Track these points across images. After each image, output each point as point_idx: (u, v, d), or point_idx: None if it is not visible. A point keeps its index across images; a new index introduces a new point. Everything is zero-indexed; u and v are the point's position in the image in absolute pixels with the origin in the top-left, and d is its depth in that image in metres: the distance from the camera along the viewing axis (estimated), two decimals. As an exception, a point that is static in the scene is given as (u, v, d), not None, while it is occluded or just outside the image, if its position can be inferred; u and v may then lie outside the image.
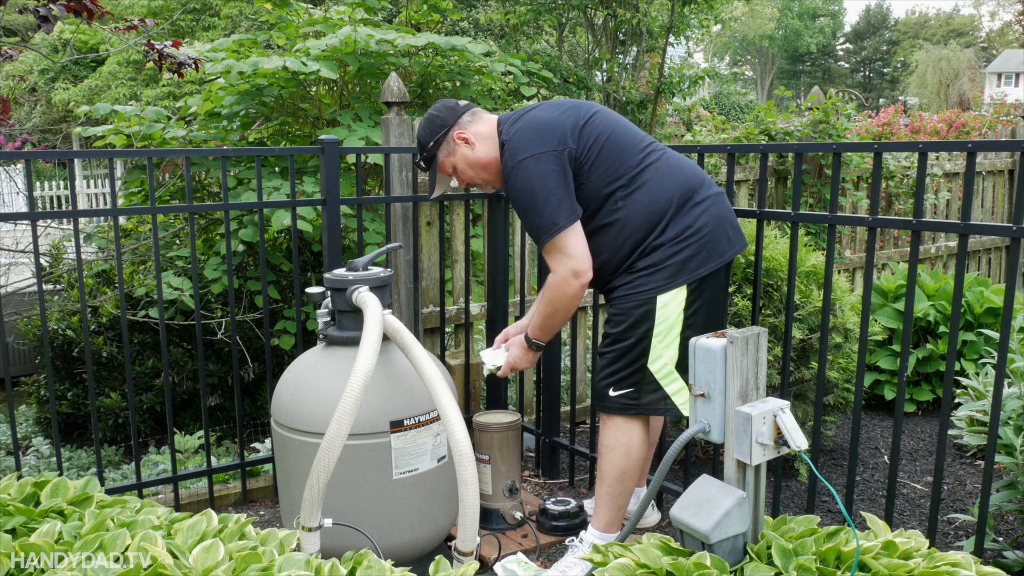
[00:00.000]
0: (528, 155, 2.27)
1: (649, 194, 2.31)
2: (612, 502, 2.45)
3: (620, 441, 2.40)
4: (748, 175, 4.71)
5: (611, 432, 2.41)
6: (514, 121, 2.37)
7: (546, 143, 2.28)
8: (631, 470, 2.42)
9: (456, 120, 2.41)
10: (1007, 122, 9.14)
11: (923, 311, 3.93)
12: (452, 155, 2.43)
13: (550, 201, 2.25)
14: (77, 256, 2.69)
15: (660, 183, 2.32)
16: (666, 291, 2.30)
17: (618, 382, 2.37)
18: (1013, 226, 1.93)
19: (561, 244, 2.28)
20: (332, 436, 2.02)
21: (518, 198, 2.31)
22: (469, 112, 2.43)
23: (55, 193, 14.16)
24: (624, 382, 2.37)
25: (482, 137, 2.41)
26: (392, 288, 3.03)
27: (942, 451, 2.15)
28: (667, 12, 8.35)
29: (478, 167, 2.42)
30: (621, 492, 2.44)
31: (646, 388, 2.36)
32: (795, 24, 49.89)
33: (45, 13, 3.07)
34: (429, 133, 2.42)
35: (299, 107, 4.29)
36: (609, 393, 2.38)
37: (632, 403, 2.37)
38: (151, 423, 4.14)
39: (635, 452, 2.41)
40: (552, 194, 2.25)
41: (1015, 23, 43.69)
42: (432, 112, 2.45)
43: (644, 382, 2.35)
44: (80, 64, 17.15)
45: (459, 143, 2.41)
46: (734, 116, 21.33)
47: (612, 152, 2.32)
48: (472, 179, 2.47)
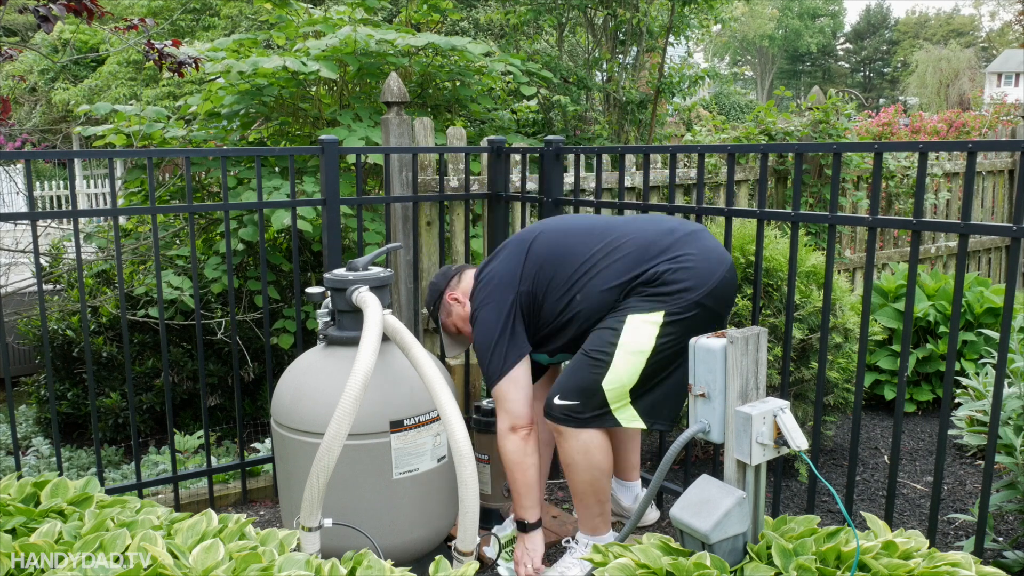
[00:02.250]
0: (481, 305, 2.43)
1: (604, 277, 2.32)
2: (588, 510, 2.44)
3: (578, 457, 2.34)
4: (748, 175, 4.71)
5: (566, 450, 2.36)
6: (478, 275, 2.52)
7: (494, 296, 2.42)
8: (600, 476, 2.37)
9: (447, 284, 2.58)
10: (1007, 122, 9.13)
11: (923, 311, 3.93)
12: (450, 315, 2.58)
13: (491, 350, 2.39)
14: (77, 256, 2.69)
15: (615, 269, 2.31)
16: (640, 313, 2.24)
17: (566, 392, 2.32)
18: (1013, 226, 1.93)
19: (499, 393, 2.40)
20: (332, 436, 2.02)
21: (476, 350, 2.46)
22: (457, 277, 2.58)
23: (55, 193, 14.16)
24: (572, 393, 2.31)
25: (467, 294, 2.54)
26: (392, 288, 3.03)
27: (942, 451, 2.15)
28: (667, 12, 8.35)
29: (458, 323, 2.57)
30: (597, 500, 2.42)
31: (591, 404, 2.29)
32: (795, 24, 49.87)
33: (45, 13, 3.07)
34: (429, 299, 2.60)
35: (299, 107, 4.29)
36: (555, 401, 2.34)
37: (573, 416, 2.31)
38: (151, 423, 4.14)
39: (597, 459, 2.34)
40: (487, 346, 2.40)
41: (1015, 23, 43.69)
42: (432, 280, 2.64)
43: (592, 398, 2.28)
44: (80, 64, 17.16)
45: (452, 303, 2.56)
46: (734, 116, 21.32)
47: (556, 270, 2.40)
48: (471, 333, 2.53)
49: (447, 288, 2.58)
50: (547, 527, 2.81)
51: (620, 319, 2.26)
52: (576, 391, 2.31)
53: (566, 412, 2.32)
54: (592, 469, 2.35)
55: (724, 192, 4.57)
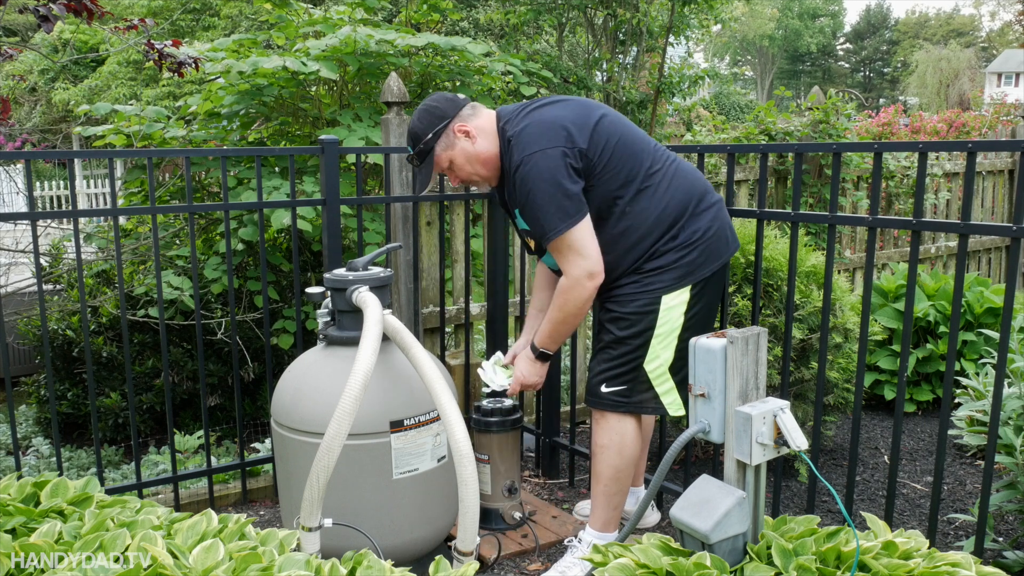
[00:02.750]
0: (536, 150, 2.20)
1: (659, 200, 2.30)
2: (608, 501, 2.45)
3: (613, 440, 2.41)
4: (748, 175, 4.70)
5: (604, 431, 2.42)
6: (520, 117, 2.30)
7: (556, 139, 2.22)
8: (625, 468, 2.43)
9: (457, 112, 2.33)
10: (1007, 122, 9.13)
11: (923, 311, 3.93)
12: (451, 149, 2.33)
13: (557, 197, 2.20)
14: (77, 256, 2.69)
15: (669, 189, 2.32)
16: (671, 292, 2.32)
17: (612, 379, 2.38)
18: (1013, 226, 1.93)
19: (572, 241, 2.23)
20: (332, 436, 2.02)
21: (525, 194, 2.23)
22: (469, 106, 2.35)
23: (55, 193, 14.16)
24: (618, 379, 2.38)
25: (483, 132, 2.33)
26: (392, 288, 3.03)
27: (942, 451, 2.15)
28: (667, 12, 8.35)
29: (477, 162, 2.34)
30: (617, 491, 2.45)
31: (638, 387, 2.37)
32: (795, 24, 49.88)
33: (45, 13, 3.07)
34: (427, 125, 2.32)
35: (299, 107, 4.29)
36: (601, 389, 2.39)
37: (623, 400, 2.38)
38: (151, 423, 4.14)
39: (628, 450, 2.41)
40: (561, 190, 2.20)
41: (1015, 23, 43.68)
42: (430, 103, 2.35)
43: (637, 381, 2.37)
44: (80, 64, 17.15)
45: (459, 136, 2.32)
46: (734, 116, 21.32)
47: (622, 157, 2.28)
48: (469, 176, 2.38)
49: (456, 117, 2.32)
50: (547, 527, 2.81)
51: (655, 297, 2.31)
52: (621, 377, 2.37)
53: (614, 397, 2.38)
54: (623, 456, 2.41)
55: (724, 192, 4.56)
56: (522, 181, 2.23)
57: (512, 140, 2.27)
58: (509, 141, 2.29)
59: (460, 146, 2.33)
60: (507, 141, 2.30)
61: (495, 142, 2.34)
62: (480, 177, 2.39)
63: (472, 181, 2.42)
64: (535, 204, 2.22)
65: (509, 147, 2.28)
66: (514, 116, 2.32)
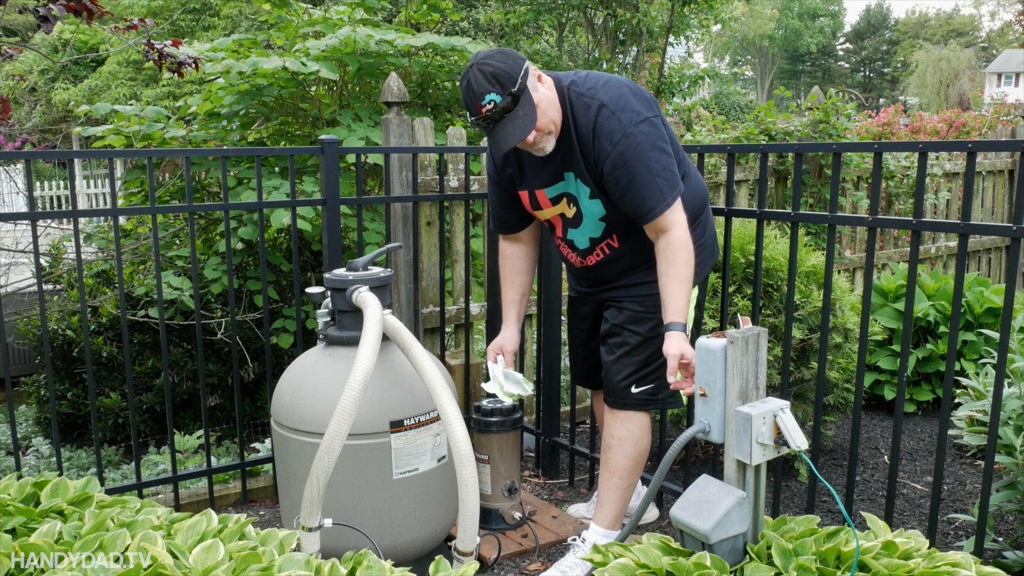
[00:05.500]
0: (643, 119, 2.09)
1: (687, 194, 2.31)
2: (620, 496, 2.46)
3: (632, 431, 2.42)
4: (748, 175, 4.71)
5: (622, 424, 2.43)
6: (585, 78, 2.16)
7: (653, 106, 2.14)
8: (641, 459, 2.46)
9: (524, 62, 2.09)
10: (1007, 122, 9.13)
11: (923, 311, 3.93)
12: (535, 90, 2.09)
13: (667, 169, 2.11)
14: (77, 256, 2.69)
15: (690, 187, 2.35)
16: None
17: (641, 379, 2.40)
18: (1013, 226, 1.93)
19: (676, 207, 2.16)
20: (332, 436, 2.02)
21: (631, 163, 2.08)
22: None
23: (55, 193, 14.15)
24: (647, 379, 2.40)
25: (547, 83, 2.16)
26: (392, 288, 3.03)
27: (942, 451, 2.15)
28: (667, 12, 8.35)
29: (552, 108, 2.13)
30: (630, 484, 2.47)
31: (665, 384, 2.39)
32: (795, 24, 49.88)
33: (45, 13, 3.07)
34: (512, 64, 2.05)
35: (299, 107, 4.29)
36: (632, 390, 2.40)
37: (652, 398, 2.42)
38: (151, 423, 4.14)
39: (645, 440, 2.45)
40: (667, 159, 2.12)
41: (1015, 23, 43.67)
42: (496, 50, 2.10)
43: (663, 378, 2.37)
44: (80, 64, 17.15)
45: (536, 81, 2.10)
46: (734, 116, 21.32)
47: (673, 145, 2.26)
48: (547, 124, 2.13)
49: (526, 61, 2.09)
50: (547, 527, 2.81)
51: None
52: (649, 376, 2.39)
53: (643, 398, 2.41)
54: (640, 446, 2.44)
55: (724, 192, 4.57)
56: (632, 152, 2.09)
57: (604, 106, 2.11)
58: (588, 106, 2.13)
59: (542, 91, 2.12)
60: (580, 98, 2.15)
61: (556, 95, 2.18)
62: (553, 127, 2.16)
63: (545, 134, 2.17)
64: (638, 178, 2.11)
65: (589, 110, 2.13)
66: (571, 76, 2.19)
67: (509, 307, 2.61)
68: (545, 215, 2.41)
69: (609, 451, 2.45)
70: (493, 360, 2.57)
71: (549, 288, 3.21)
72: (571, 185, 2.29)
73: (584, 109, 2.15)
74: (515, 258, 2.59)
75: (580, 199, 2.30)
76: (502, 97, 2.04)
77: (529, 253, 2.59)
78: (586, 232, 2.36)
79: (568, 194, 2.31)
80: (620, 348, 2.41)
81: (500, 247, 2.61)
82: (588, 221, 2.33)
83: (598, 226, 2.31)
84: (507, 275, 2.60)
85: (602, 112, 2.12)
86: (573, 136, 2.19)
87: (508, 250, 2.59)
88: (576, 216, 2.34)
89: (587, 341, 2.64)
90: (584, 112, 2.15)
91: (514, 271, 2.59)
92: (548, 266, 3.20)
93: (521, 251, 2.58)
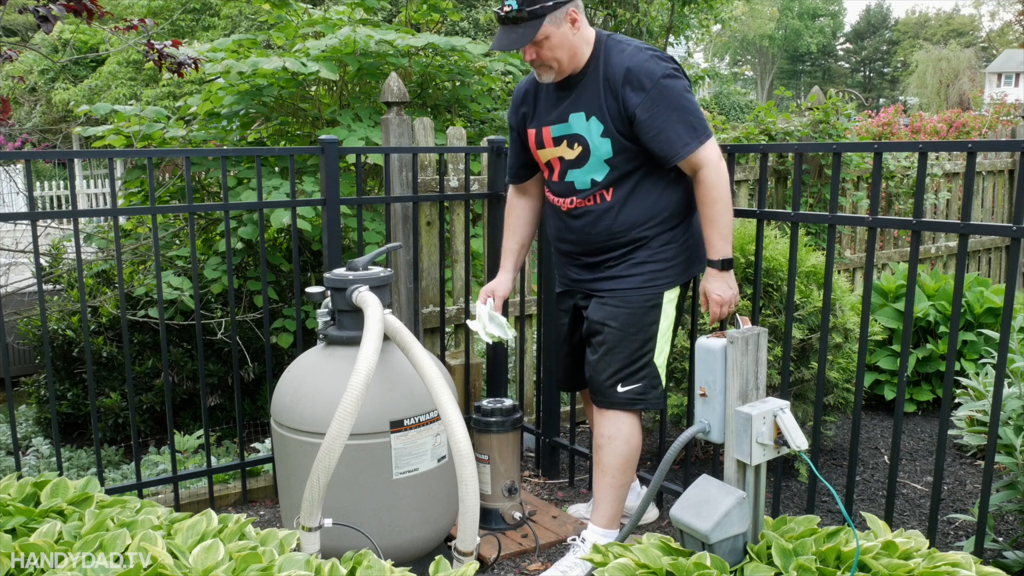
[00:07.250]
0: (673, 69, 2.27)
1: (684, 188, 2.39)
2: (615, 495, 2.46)
3: (622, 430, 2.43)
4: (748, 175, 4.70)
5: (612, 422, 2.43)
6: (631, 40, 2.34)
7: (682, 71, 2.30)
8: (633, 457, 2.46)
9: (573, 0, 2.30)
10: (1007, 122, 9.13)
11: (923, 311, 3.93)
12: (556, 26, 2.26)
13: (698, 113, 2.26)
14: (77, 256, 2.69)
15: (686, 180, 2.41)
16: (671, 288, 2.41)
17: (627, 378, 2.40)
18: (1013, 226, 1.93)
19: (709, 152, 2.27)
20: (333, 436, 2.02)
21: (670, 100, 2.24)
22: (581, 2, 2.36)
23: (55, 193, 14.15)
24: (633, 378, 2.40)
25: (584, 27, 2.32)
26: (392, 288, 3.03)
27: (942, 451, 2.15)
28: (667, 12, 8.35)
29: (565, 50, 2.29)
30: (624, 483, 2.47)
31: (651, 383, 2.41)
32: (795, 24, 49.89)
33: (45, 13, 3.07)
34: None
35: (299, 107, 4.29)
36: (617, 390, 2.41)
37: (639, 398, 2.42)
38: (151, 423, 4.14)
39: (636, 439, 2.45)
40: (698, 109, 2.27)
41: (1015, 23, 43.67)
42: None
43: (650, 376, 2.40)
44: (80, 64, 17.16)
45: (567, 21, 2.28)
46: (734, 116, 21.33)
47: None
48: (548, 59, 2.31)
49: (572, 2, 2.29)
50: (547, 527, 2.81)
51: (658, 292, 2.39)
52: (635, 375, 2.40)
53: (630, 397, 2.41)
54: (631, 445, 2.44)
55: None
56: (668, 90, 2.24)
57: (639, 47, 2.28)
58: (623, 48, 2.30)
59: (564, 29, 2.28)
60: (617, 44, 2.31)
61: (589, 45, 2.33)
62: (556, 64, 2.33)
63: (545, 61, 2.33)
64: (680, 114, 2.24)
65: (624, 53, 2.29)
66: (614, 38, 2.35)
67: (507, 255, 2.72)
68: (546, 155, 2.48)
69: (600, 451, 2.46)
70: (483, 301, 2.65)
71: (549, 288, 3.21)
72: (580, 126, 2.36)
73: (619, 52, 2.30)
74: (520, 208, 2.71)
75: (591, 137, 2.36)
76: (519, 8, 2.23)
77: (535, 206, 2.71)
78: (589, 173, 2.40)
79: (572, 135, 2.39)
80: (602, 346, 2.43)
81: (508, 199, 2.76)
82: (594, 161, 2.38)
83: (602, 168, 2.37)
84: (511, 224, 2.73)
85: (641, 54, 2.28)
86: (600, 75, 2.31)
87: (515, 201, 2.72)
88: (582, 155, 2.40)
89: (569, 336, 2.68)
90: (619, 53, 2.30)
91: (518, 221, 2.71)
92: (548, 266, 3.20)
93: (527, 204, 2.70)
